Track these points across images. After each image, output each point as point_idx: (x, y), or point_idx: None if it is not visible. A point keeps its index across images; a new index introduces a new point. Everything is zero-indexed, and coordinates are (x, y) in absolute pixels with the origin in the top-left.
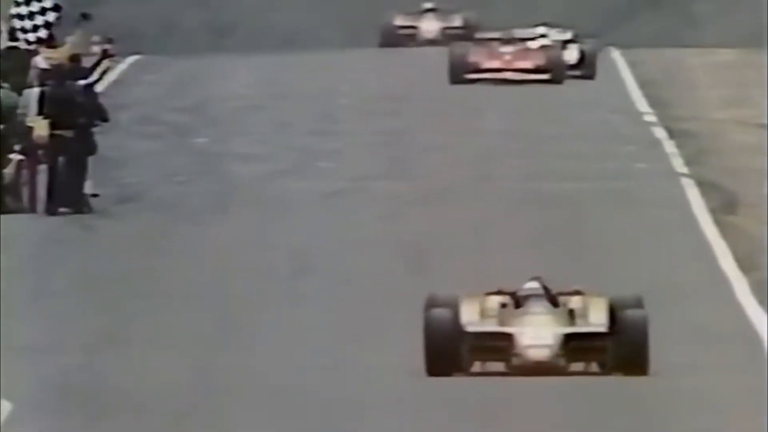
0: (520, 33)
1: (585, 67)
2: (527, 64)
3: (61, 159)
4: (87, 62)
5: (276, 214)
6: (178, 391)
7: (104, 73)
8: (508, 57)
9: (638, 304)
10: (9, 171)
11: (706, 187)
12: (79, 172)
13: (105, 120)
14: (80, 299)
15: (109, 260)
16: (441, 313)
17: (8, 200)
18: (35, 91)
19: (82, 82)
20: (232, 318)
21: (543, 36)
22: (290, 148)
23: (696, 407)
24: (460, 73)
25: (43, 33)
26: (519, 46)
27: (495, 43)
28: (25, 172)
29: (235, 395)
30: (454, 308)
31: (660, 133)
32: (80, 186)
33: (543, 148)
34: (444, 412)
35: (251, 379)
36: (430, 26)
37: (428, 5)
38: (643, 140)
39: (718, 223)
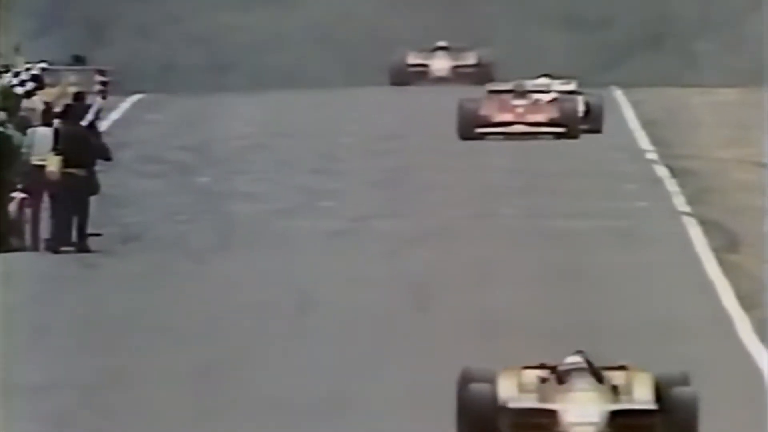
0: (529, 85)
1: (591, 120)
2: (541, 118)
3: (62, 198)
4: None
5: (278, 252)
6: (180, 429)
7: (99, 112)
8: (520, 110)
9: (685, 381)
10: (12, 209)
11: (708, 225)
12: (85, 210)
13: (108, 159)
14: (81, 337)
15: (110, 298)
16: (479, 388)
17: (11, 238)
18: (46, 130)
19: (83, 122)
20: (235, 355)
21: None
22: (292, 187)
23: None
24: (470, 128)
25: (30, 86)
26: (531, 99)
27: (507, 96)
28: (27, 211)
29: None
30: (492, 383)
31: (662, 171)
32: (85, 225)
33: (545, 186)
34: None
35: (254, 416)
36: (441, 65)
37: (440, 43)
38: (645, 178)
39: (721, 261)
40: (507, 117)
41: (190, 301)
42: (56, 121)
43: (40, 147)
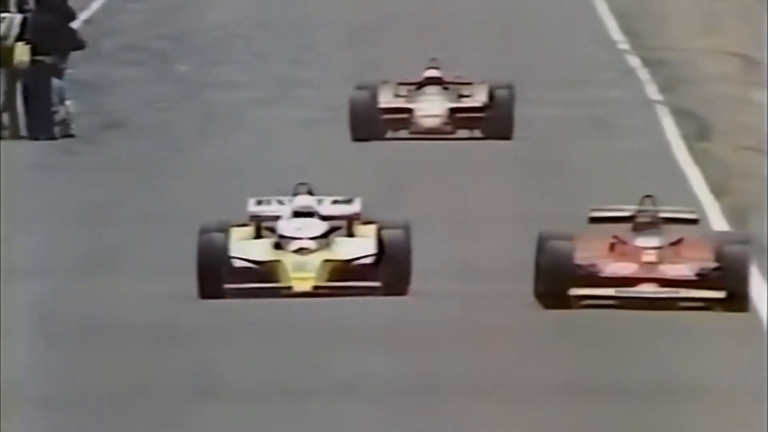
0: None
1: None
2: None
3: (33, 86)
4: None
5: (255, 140)
6: (158, 312)
7: None
8: None
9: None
10: None
11: (679, 114)
12: (49, 97)
13: (80, 48)
14: (64, 224)
15: (93, 185)
16: (362, 94)
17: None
18: (17, 17)
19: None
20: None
21: None
22: (269, 76)
23: None
24: None
25: None
26: None
27: None
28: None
29: (219, 322)
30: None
31: (634, 61)
32: (50, 110)
33: (521, 75)
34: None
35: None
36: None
37: (431, 71)
38: (617, 68)
39: (691, 149)
40: None
41: (170, 186)
42: (28, 11)
43: (13, 34)
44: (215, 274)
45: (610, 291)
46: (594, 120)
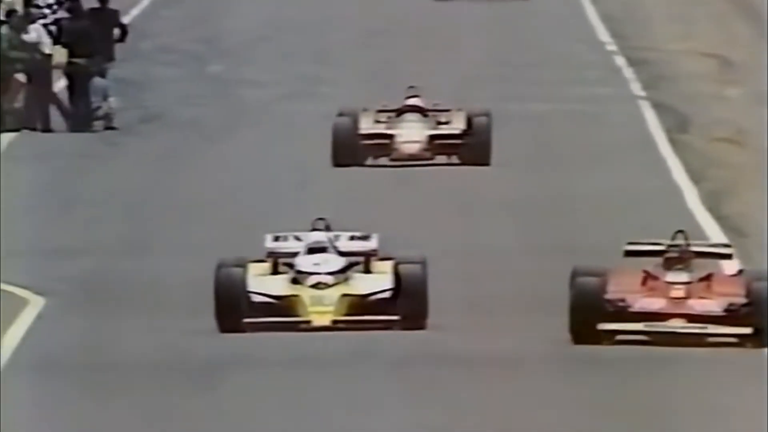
0: None
1: None
2: None
3: (72, 84)
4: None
5: (280, 133)
6: (193, 289)
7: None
8: None
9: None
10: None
11: (661, 108)
12: (87, 95)
13: (110, 59)
14: (107, 208)
15: (132, 173)
16: (344, 120)
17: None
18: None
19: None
20: (243, 225)
21: None
22: (293, 75)
23: None
24: None
25: None
26: None
27: None
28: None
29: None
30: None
31: (620, 61)
32: (89, 107)
33: (518, 74)
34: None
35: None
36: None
37: (411, 99)
38: (605, 67)
39: (672, 140)
40: None
41: (202, 175)
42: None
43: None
44: (234, 309)
45: (639, 326)
46: (584, 114)
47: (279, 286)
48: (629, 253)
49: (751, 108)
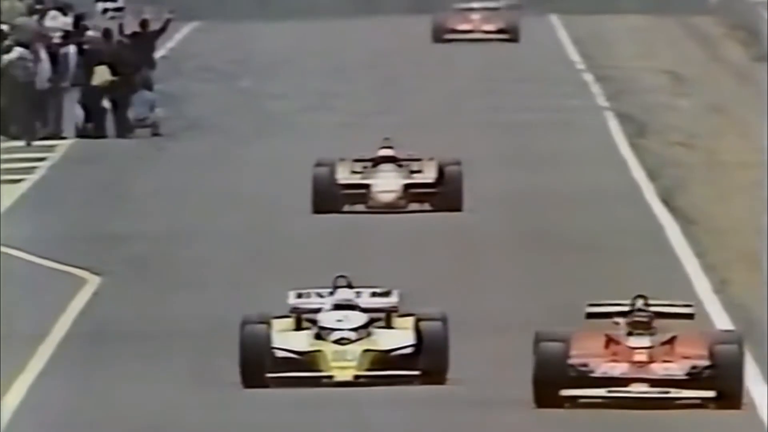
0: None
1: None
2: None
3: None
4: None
5: (301, 138)
6: (232, 268)
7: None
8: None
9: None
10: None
11: (622, 117)
12: (126, 106)
13: (152, 68)
14: (154, 201)
15: (176, 172)
16: (322, 170)
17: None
18: (72, 49)
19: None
20: (273, 217)
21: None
22: (312, 90)
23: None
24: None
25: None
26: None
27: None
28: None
29: (275, 261)
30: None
31: (588, 77)
32: (127, 117)
33: (499, 88)
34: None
35: (292, 258)
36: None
37: (385, 150)
38: (575, 82)
39: (632, 144)
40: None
41: (236, 173)
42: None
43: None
44: (258, 365)
45: (601, 391)
46: (557, 122)
47: (302, 341)
48: (591, 315)
49: (700, 116)
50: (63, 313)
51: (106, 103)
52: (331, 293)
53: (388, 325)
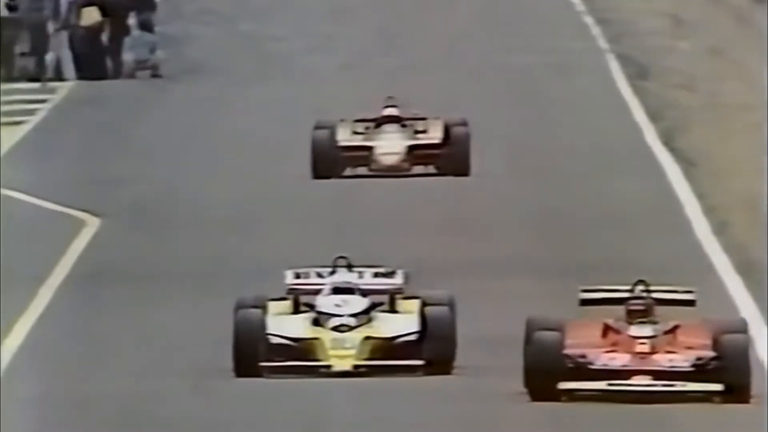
0: None
1: None
2: None
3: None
4: None
5: (302, 81)
6: (232, 210)
7: None
8: None
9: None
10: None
11: (623, 60)
12: (118, 49)
13: (152, 10)
14: (155, 144)
15: (176, 114)
16: (322, 132)
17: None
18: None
19: None
20: (274, 160)
21: None
22: (313, 32)
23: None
24: None
25: None
26: None
27: None
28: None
29: (276, 205)
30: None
31: (588, 20)
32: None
33: (499, 30)
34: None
35: (288, 189)
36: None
37: (389, 109)
38: (575, 25)
39: (633, 86)
40: None
41: (237, 116)
42: None
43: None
44: (252, 352)
45: (601, 384)
46: (558, 64)
47: (299, 327)
48: (586, 302)
49: (700, 58)
50: (63, 256)
51: (100, 45)
52: (332, 273)
53: (392, 309)
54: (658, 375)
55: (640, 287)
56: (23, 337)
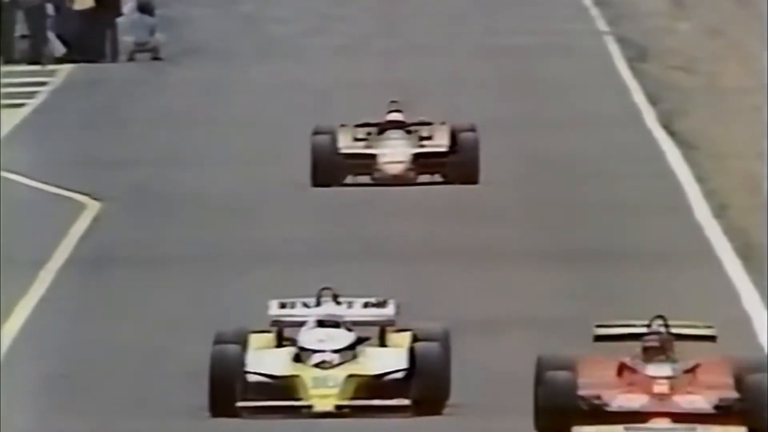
0: None
1: None
2: None
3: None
4: None
5: (301, 62)
6: (232, 193)
7: None
8: None
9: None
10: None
11: (623, 42)
12: (113, 32)
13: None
14: (155, 126)
15: (176, 96)
16: (322, 138)
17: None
18: None
19: None
20: (270, 139)
21: None
22: (312, 14)
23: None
24: None
25: None
26: None
27: None
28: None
29: (270, 193)
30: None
31: (587, 2)
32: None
33: (501, 11)
34: (327, 213)
35: (285, 179)
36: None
37: (394, 114)
38: (575, 6)
39: (632, 68)
40: None
41: (236, 97)
42: None
43: None
44: (228, 391)
45: (618, 428)
46: (557, 46)
47: (279, 364)
48: (600, 338)
49: (699, 40)
50: (64, 239)
51: (95, 28)
52: (317, 304)
53: (382, 343)
54: (677, 417)
55: (658, 322)
56: (23, 321)
